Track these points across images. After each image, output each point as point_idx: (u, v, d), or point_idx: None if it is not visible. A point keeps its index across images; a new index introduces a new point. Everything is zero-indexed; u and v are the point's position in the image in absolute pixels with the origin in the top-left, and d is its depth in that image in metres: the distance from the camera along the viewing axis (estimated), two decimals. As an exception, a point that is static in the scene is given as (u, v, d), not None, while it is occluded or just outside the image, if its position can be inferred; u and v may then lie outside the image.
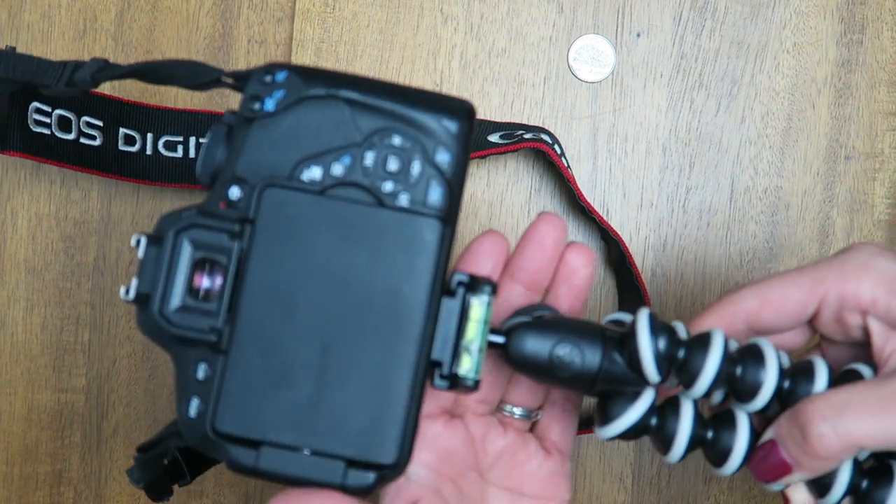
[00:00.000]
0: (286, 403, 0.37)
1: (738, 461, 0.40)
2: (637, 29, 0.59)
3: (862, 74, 0.59)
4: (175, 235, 0.37)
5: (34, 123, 0.53)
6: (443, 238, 0.37)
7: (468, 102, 0.39)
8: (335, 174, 0.37)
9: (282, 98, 0.37)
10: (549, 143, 0.56)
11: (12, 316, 0.59)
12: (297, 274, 0.37)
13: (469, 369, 0.38)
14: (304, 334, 0.37)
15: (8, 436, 0.59)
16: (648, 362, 0.39)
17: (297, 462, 0.37)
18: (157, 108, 0.56)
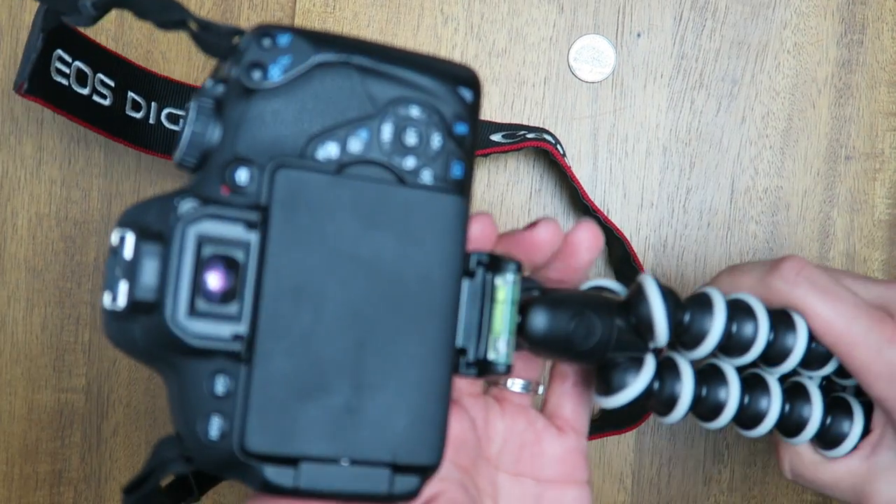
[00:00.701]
0: (321, 411, 0.33)
1: (729, 417, 0.41)
2: (637, 29, 0.59)
3: (862, 74, 0.59)
4: (183, 230, 0.32)
5: (55, 72, 0.53)
6: (466, 215, 0.35)
7: (472, 69, 0.36)
8: (352, 151, 0.34)
9: (288, 65, 0.33)
10: (552, 143, 0.56)
11: (12, 316, 0.59)
12: (321, 264, 0.33)
13: (502, 353, 0.36)
14: (335, 332, 0.33)
15: (8, 436, 0.59)
16: (662, 326, 0.38)
17: (340, 475, 0.33)
18: (164, 79, 0.56)
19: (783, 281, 0.41)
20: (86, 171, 0.59)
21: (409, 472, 0.34)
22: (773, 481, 0.60)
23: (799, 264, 0.41)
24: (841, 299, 0.41)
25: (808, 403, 0.42)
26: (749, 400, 0.41)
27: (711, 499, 0.60)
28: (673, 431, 0.60)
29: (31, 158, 0.58)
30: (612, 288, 0.41)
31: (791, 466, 0.45)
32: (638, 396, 0.39)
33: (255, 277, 0.32)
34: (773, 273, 0.41)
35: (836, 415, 0.43)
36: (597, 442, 0.60)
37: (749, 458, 0.60)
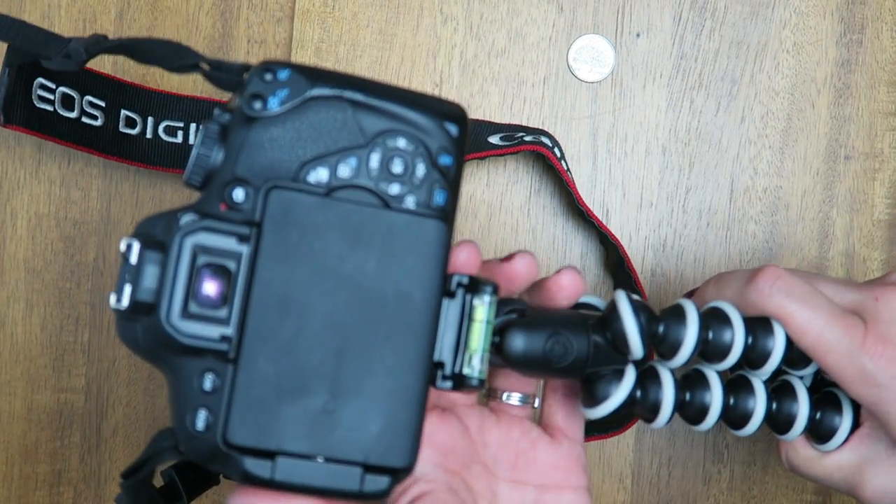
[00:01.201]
0: (300, 411, 0.36)
1: (714, 418, 0.43)
2: (637, 29, 0.59)
3: (862, 74, 0.59)
4: (181, 239, 0.35)
5: (38, 99, 0.53)
6: (447, 239, 0.37)
7: (460, 106, 0.39)
8: (342, 176, 0.37)
9: (285, 97, 0.36)
10: (549, 146, 0.56)
11: (12, 316, 0.59)
12: (307, 278, 0.36)
13: (475, 369, 0.38)
14: (316, 340, 0.36)
15: (8, 436, 0.59)
16: (635, 341, 0.41)
17: (314, 471, 0.36)
18: (158, 93, 0.56)
19: (758, 293, 0.43)
20: (85, 172, 0.59)
21: (380, 473, 0.36)
22: (773, 481, 0.60)
23: (773, 275, 0.43)
24: (814, 307, 0.43)
25: (795, 401, 0.45)
26: (735, 401, 0.44)
27: (711, 499, 0.60)
28: (673, 431, 0.60)
29: (31, 158, 0.58)
30: (596, 304, 0.44)
31: (788, 460, 0.47)
32: (620, 406, 0.42)
33: (244, 286, 0.35)
34: (749, 284, 0.44)
35: (826, 410, 0.45)
36: (597, 442, 0.60)
37: (749, 457, 0.60)
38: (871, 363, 0.42)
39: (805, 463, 0.46)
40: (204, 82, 0.59)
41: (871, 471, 0.44)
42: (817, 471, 0.46)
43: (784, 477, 0.60)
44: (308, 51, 0.59)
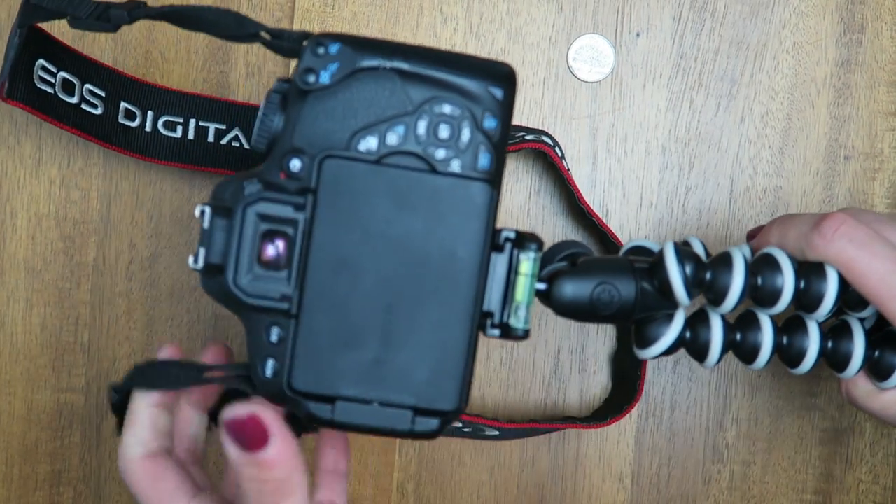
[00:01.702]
0: (355, 361, 0.39)
1: (766, 358, 0.45)
2: (637, 29, 0.59)
3: (861, 74, 0.59)
4: (244, 209, 0.38)
5: (39, 80, 0.53)
6: (492, 200, 0.39)
7: (509, 66, 0.40)
8: (390, 143, 0.39)
9: (336, 70, 0.38)
10: (551, 144, 0.56)
11: (12, 316, 0.59)
12: (359, 240, 0.39)
13: (519, 319, 0.41)
14: (368, 297, 0.39)
15: (8, 436, 0.59)
16: (680, 290, 0.42)
17: (369, 413, 0.39)
18: (158, 88, 0.56)
19: (821, 238, 0.44)
20: (85, 172, 0.59)
21: (430, 415, 0.40)
22: (773, 481, 0.60)
23: (838, 221, 0.44)
24: (875, 253, 0.43)
25: (851, 341, 0.46)
26: (788, 341, 0.46)
27: (711, 498, 0.60)
28: (673, 431, 0.60)
29: (31, 158, 0.58)
30: (651, 248, 0.45)
31: (847, 392, 0.48)
32: (670, 347, 0.44)
33: (302, 249, 0.39)
34: (815, 229, 0.44)
35: (886, 349, 0.46)
36: (597, 441, 0.60)
37: (749, 457, 0.60)
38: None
39: (863, 396, 0.47)
40: (205, 80, 0.59)
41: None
42: (875, 405, 0.47)
43: (784, 477, 0.60)
44: (308, 51, 0.59)
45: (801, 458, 0.60)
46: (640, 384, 0.57)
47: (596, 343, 0.60)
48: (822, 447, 0.60)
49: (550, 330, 0.60)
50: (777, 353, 0.46)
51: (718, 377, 0.60)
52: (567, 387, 0.60)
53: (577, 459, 0.60)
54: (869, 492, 0.60)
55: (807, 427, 0.60)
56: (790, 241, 0.45)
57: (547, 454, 0.60)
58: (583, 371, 0.60)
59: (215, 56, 0.59)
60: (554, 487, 0.60)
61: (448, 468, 0.60)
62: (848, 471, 0.60)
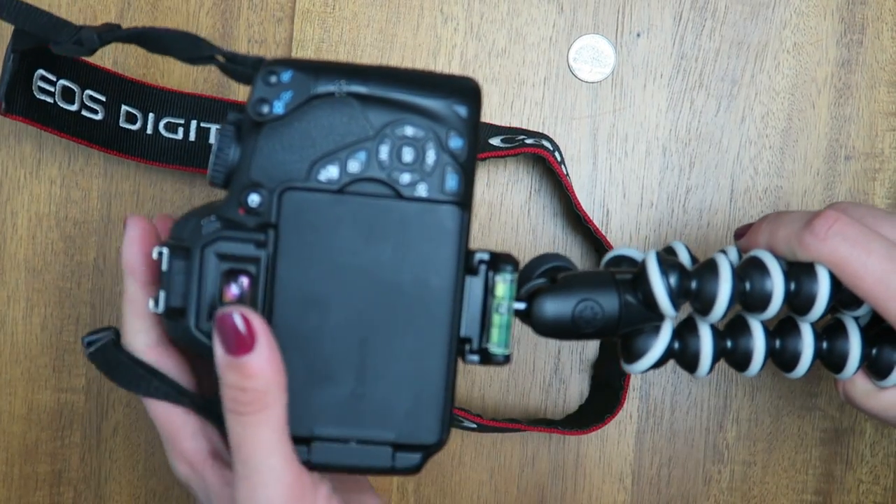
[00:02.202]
0: (330, 399, 0.38)
1: (759, 364, 0.43)
2: (637, 29, 0.59)
3: (862, 74, 0.59)
4: (202, 250, 0.37)
5: (38, 91, 0.53)
6: (463, 223, 0.38)
7: (473, 81, 0.39)
8: (352, 171, 0.38)
9: (290, 99, 0.37)
10: (550, 149, 0.56)
11: (12, 316, 0.59)
12: (326, 273, 0.37)
13: (498, 344, 0.39)
14: (340, 331, 0.38)
15: (8, 436, 0.59)
16: (664, 301, 0.41)
17: (348, 452, 0.38)
18: (159, 89, 0.56)
19: (814, 237, 0.42)
20: (85, 171, 0.59)
21: (411, 450, 0.39)
22: (773, 481, 0.60)
23: (831, 219, 0.42)
24: (871, 252, 0.41)
25: (847, 340, 0.44)
26: (782, 344, 0.44)
27: (711, 499, 0.60)
28: (673, 431, 0.60)
29: (31, 158, 0.58)
30: (634, 257, 0.44)
31: (845, 392, 0.46)
32: (659, 360, 0.43)
33: (266, 287, 0.37)
34: (806, 228, 0.42)
35: (885, 346, 0.44)
36: (597, 441, 0.60)
37: (749, 457, 0.60)
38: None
39: (862, 396, 0.45)
40: (205, 80, 0.59)
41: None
42: (873, 404, 0.45)
43: (784, 477, 0.60)
44: (308, 51, 0.59)
45: (801, 459, 0.60)
46: (622, 394, 0.57)
47: (596, 344, 0.60)
48: (822, 447, 0.60)
49: (551, 330, 0.60)
50: (771, 358, 0.45)
51: (719, 378, 0.60)
52: (568, 387, 0.60)
53: (577, 459, 0.60)
54: (869, 492, 0.60)
55: (807, 427, 0.60)
56: (780, 240, 0.43)
57: (547, 454, 0.60)
58: (583, 372, 0.60)
59: (216, 56, 0.59)
60: (554, 488, 0.60)
61: (448, 468, 0.60)
62: (848, 471, 0.60)
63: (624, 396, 0.57)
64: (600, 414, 0.57)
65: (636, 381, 0.59)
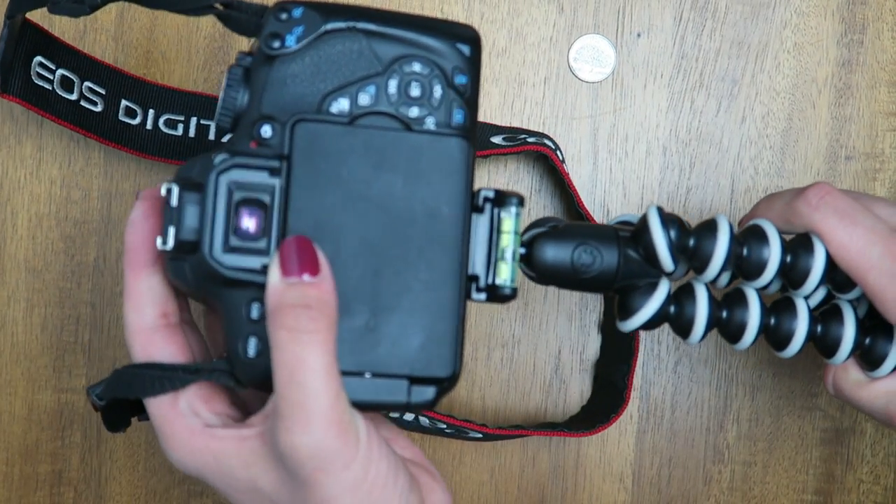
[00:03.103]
0: (344, 331, 0.37)
1: (752, 336, 0.44)
2: (637, 29, 0.59)
3: (862, 74, 0.59)
4: (216, 178, 0.37)
5: (36, 76, 0.53)
6: (470, 155, 0.39)
7: (474, 29, 0.40)
8: (362, 104, 0.38)
9: (301, 33, 0.38)
10: (552, 147, 0.56)
11: (12, 316, 0.59)
12: (338, 204, 0.38)
13: (507, 278, 0.40)
14: (353, 262, 0.38)
15: (8, 436, 0.59)
16: (663, 253, 0.41)
17: (363, 387, 0.37)
18: (159, 86, 0.56)
19: (805, 204, 0.43)
20: (86, 171, 0.59)
21: (426, 384, 0.38)
22: (774, 481, 0.60)
23: (823, 189, 0.43)
24: (858, 224, 0.42)
25: (842, 325, 0.44)
26: (776, 321, 0.44)
27: (712, 499, 0.60)
28: (674, 431, 0.60)
29: (31, 158, 0.58)
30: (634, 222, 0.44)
31: (834, 382, 0.46)
32: (652, 318, 0.43)
33: (280, 216, 0.37)
34: (798, 197, 0.43)
35: (878, 336, 0.45)
36: (597, 442, 0.60)
37: (749, 458, 0.60)
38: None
39: (852, 386, 0.45)
40: (205, 80, 0.59)
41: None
42: (862, 395, 0.45)
43: (785, 477, 0.60)
44: (309, 50, 0.59)
45: (801, 459, 0.60)
46: (626, 393, 0.57)
47: (597, 344, 0.60)
48: (822, 447, 0.60)
49: (551, 331, 0.60)
50: (764, 335, 0.45)
51: (719, 378, 0.60)
52: (568, 387, 0.60)
53: (577, 460, 0.60)
54: (870, 492, 0.60)
55: (807, 427, 0.60)
56: (775, 211, 0.44)
57: (547, 455, 0.60)
58: (584, 372, 0.60)
59: (216, 56, 0.59)
60: (554, 488, 0.60)
61: (449, 469, 0.60)
62: (849, 471, 0.60)
63: (628, 395, 0.57)
64: (605, 414, 0.57)
65: (637, 381, 0.59)
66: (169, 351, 0.40)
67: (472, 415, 0.59)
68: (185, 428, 0.38)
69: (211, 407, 0.39)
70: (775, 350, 0.45)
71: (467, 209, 0.39)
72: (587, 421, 0.58)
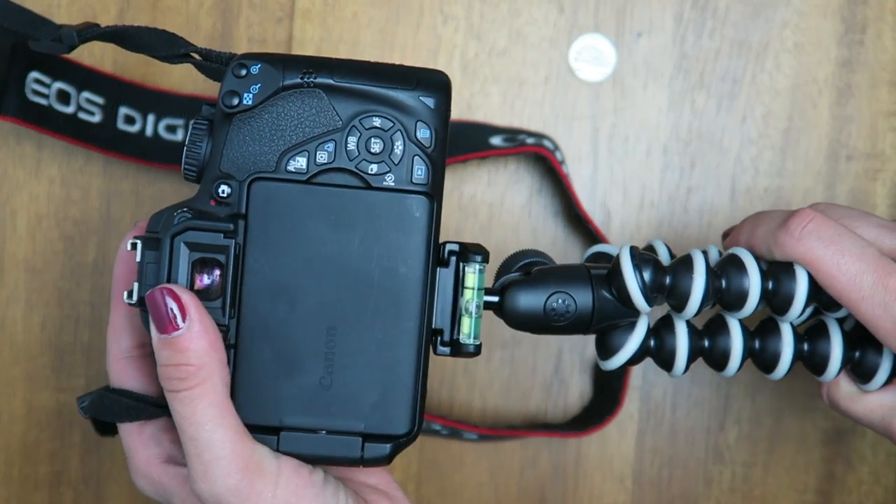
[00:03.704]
0: (299, 388, 0.38)
1: (736, 363, 0.43)
2: (638, 29, 0.59)
3: (863, 74, 0.59)
4: (171, 240, 0.37)
5: (31, 93, 0.53)
6: (432, 212, 0.39)
7: (443, 74, 0.39)
8: (320, 161, 0.38)
9: (258, 91, 0.38)
10: (552, 149, 0.56)
11: (12, 316, 0.59)
12: (295, 263, 0.38)
13: (468, 333, 0.40)
14: (308, 321, 0.38)
15: (8, 436, 0.59)
16: (637, 296, 0.41)
17: (316, 442, 0.38)
18: (159, 91, 0.56)
19: (789, 236, 0.42)
20: (85, 171, 0.59)
21: (381, 440, 0.38)
22: (775, 482, 0.60)
23: (806, 218, 0.42)
24: (846, 252, 0.41)
25: (828, 342, 0.44)
26: (761, 345, 0.44)
27: (712, 499, 0.60)
28: (674, 431, 0.60)
29: (31, 158, 0.58)
30: (611, 253, 0.44)
31: (829, 395, 0.46)
32: (633, 356, 0.43)
33: (236, 276, 0.38)
34: (782, 227, 0.42)
35: (868, 349, 0.44)
36: (597, 442, 0.60)
37: (750, 458, 0.60)
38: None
39: (846, 399, 0.45)
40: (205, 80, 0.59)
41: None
42: (857, 408, 0.45)
43: (785, 478, 0.60)
44: (308, 50, 0.59)
45: (802, 459, 0.60)
46: (621, 395, 0.57)
47: (597, 343, 0.60)
48: (823, 448, 0.60)
49: (551, 330, 0.60)
50: (751, 359, 0.44)
51: (719, 378, 0.60)
52: (568, 388, 0.60)
53: (577, 460, 0.60)
54: (870, 493, 0.60)
55: (808, 428, 0.60)
56: (758, 239, 0.43)
57: (548, 455, 0.60)
58: (584, 372, 0.60)
59: (216, 56, 0.59)
60: (555, 488, 0.60)
61: (449, 469, 0.60)
62: (849, 472, 0.60)
63: (622, 397, 0.57)
64: (600, 415, 0.57)
65: (636, 381, 0.59)
66: (140, 381, 0.42)
67: (472, 415, 0.59)
68: (145, 457, 0.41)
69: (174, 438, 0.41)
70: (764, 373, 0.45)
71: (428, 267, 0.39)
72: (585, 422, 0.58)
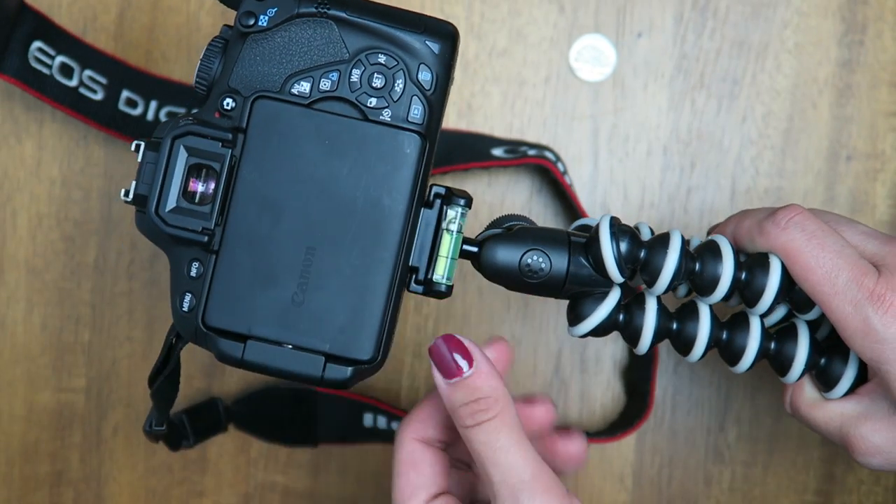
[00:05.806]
0: (271, 301, 0.39)
1: (701, 349, 0.44)
2: (638, 29, 0.59)
3: (863, 74, 0.59)
4: (171, 141, 0.38)
5: (34, 60, 0.53)
6: (422, 152, 0.40)
7: (451, 25, 0.41)
8: (323, 88, 0.40)
9: (274, 15, 0.39)
10: (553, 160, 0.56)
11: (12, 316, 0.59)
12: (285, 181, 0.39)
13: (442, 275, 0.41)
14: (290, 237, 0.39)
15: (8, 436, 0.59)
16: (611, 264, 0.42)
17: (281, 356, 0.39)
18: (163, 79, 0.56)
19: (774, 225, 0.42)
20: (86, 171, 0.59)
21: (343, 363, 0.39)
22: (774, 482, 0.60)
23: (794, 210, 0.43)
24: (826, 247, 0.41)
25: (795, 343, 0.44)
26: (728, 336, 0.44)
27: (712, 499, 0.60)
28: (674, 431, 0.60)
29: (31, 158, 0.58)
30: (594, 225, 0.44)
31: (791, 401, 0.46)
32: (600, 325, 0.43)
33: (227, 185, 0.39)
34: (768, 217, 0.43)
35: (834, 357, 0.44)
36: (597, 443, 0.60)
37: (750, 458, 0.60)
38: (876, 316, 0.40)
39: (806, 406, 0.45)
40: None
41: (869, 426, 0.43)
42: (817, 415, 0.45)
43: (785, 478, 0.60)
44: (309, 50, 0.59)
45: (802, 459, 0.60)
46: (650, 398, 0.57)
47: (597, 344, 0.60)
48: (823, 448, 0.60)
49: (551, 331, 0.60)
50: (717, 349, 0.45)
51: (719, 378, 0.60)
52: (568, 388, 0.60)
53: (578, 460, 0.60)
54: (870, 493, 0.60)
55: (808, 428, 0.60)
56: (743, 231, 0.44)
57: (548, 455, 0.60)
58: (584, 372, 0.60)
59: (216, 56, 0.59)
60: (555, 488, 0.60)
61: (449, 469, 0.60)
62: (849, 472, 0.60)
63: (651, 401, 0.57)
64: (632, 419, 0.58)
65: (637, 381, 0.59)
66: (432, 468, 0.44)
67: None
68: None
69: None
70: (728, 365, 0.45)
71: (411, 204, 0.40)
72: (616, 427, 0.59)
